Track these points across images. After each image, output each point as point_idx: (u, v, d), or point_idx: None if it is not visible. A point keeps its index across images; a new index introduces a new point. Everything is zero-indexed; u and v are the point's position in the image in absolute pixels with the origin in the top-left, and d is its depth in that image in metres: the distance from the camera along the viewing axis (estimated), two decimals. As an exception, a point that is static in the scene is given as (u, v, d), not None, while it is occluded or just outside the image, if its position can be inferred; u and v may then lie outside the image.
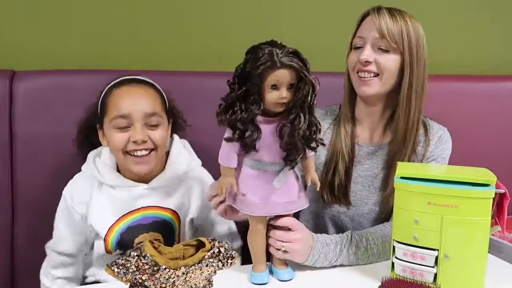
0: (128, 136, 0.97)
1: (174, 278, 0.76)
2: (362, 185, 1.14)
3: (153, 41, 1.49)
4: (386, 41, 1.04)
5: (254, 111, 0.82)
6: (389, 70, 1.06)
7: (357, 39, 1.09)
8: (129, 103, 0.97)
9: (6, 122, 1.23)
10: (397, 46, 1.05)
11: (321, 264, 0.97)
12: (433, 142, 1.13)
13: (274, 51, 0.81)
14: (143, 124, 0.98)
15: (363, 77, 1.07)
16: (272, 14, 1.58)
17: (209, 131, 1.33)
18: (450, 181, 0.83)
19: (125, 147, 0.98)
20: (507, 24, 1.88)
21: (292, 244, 0.93)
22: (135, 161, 0.99)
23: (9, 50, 1.39)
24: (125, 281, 0.75)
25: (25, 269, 1.22)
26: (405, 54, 1.05)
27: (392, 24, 1.04)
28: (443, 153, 1.14)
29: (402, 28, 1.05)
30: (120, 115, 0.96)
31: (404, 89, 1.06)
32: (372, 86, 1.07)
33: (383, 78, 1.07)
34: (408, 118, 1.08)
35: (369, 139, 1.17)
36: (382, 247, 1.01)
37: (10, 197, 1.24)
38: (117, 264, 0.76)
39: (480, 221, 0.82)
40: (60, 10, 1.41)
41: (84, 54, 1.44)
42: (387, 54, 1.06)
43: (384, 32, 1.03)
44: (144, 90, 1.03)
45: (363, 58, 1.05)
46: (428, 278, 0.86)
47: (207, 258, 0.80)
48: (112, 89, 1.03)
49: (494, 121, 1.62)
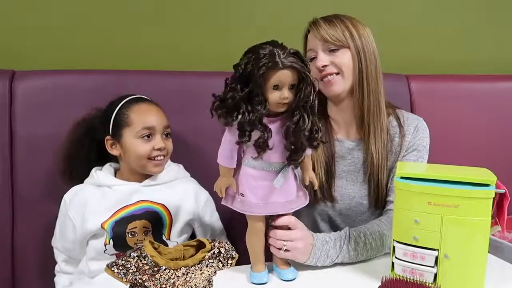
0: (152, 145, 1.14)
1: (174, 278, 0.76)
2: (346, 180, 1.18)
3: (153, 41, 1.49)
4: (331, 42, 1.13)
5: (261, 111, 0.82)
6: (345, 65, 1.13)
7: (309, 52, 1.17)
8: (153, 117, 1.16)
9: (6, 122, 1.23)
10: (342, 43, 1.12)
11: (323, 263, 0.97)
12: (409, 132, 1.18)
13: (275, 52, 0.82)
14: (161, 134, 1.16)
15: (327, 80, 1.14)
16: (272, 14, 1.58)
17: (209, 132, 1.34)
18: (450, 181, 0.83)
19: (149, 154, 1.14)
20: (507, 24, 1.88)
21: (294, 242, 0.93)
22: (155, 164, 1.15)
23: (9, 50, 1.39)
24: (125, 281, 0.76)
25: (25, 269, 1.22)
26: (351, 47, 1.12)
27: (330, 28, 1.13)
28: (422, 142, 1.18)
29: (341, 27, 1.13)
30: (146, 127, 1.14)
31: (356, 78, 1.13)
32: (336, 84, 1.14)
33: (344, 74, 1.13)
34: (364, 102, 1.14)
35: (346, 135, 1.21)
36: (380, 241, 1.03)
37: (10, 197, 1.24)
38: (117, 264, 0.76)
39: (480, 221, 0.82)
40: (60, 10, 1.41)
41: (84, 54, 1.44)
42: (337, 52, 1.13)
43: (326, 37, 1.12)
44: (156, 106, 1.20)
45: (320, 64, 1.13)
46: (428, 278, 0.86)
47: (207, 259, 0.80)
48: (129, 105, 1.17)
49: (494, 121, 1.62)
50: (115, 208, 1.12)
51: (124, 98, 1.18)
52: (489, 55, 1.87)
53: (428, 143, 1.20)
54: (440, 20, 1.80)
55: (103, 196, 1.13)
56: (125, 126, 1.14)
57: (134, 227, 1.11)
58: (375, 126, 1.15)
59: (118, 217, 1.11)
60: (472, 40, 1.85)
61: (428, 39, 1.80)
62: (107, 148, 1.17)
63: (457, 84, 1.63)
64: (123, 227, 1.11)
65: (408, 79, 1.57)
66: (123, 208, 1.13)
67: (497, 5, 1.85)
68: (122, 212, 1.12)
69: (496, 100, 1.63)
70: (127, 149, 1.15)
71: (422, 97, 1.56)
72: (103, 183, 1.15)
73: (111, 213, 1.12)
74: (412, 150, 1.17)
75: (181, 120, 1.34)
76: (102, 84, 1.31)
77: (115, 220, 1.11)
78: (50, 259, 1.23)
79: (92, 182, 1.16)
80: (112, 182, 1.15)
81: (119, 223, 1.11)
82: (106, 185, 1.15)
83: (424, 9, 1.78)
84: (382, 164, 1.15)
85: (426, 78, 1.63)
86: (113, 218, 1.11)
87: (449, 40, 1.82)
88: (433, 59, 1.80)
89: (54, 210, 1.17)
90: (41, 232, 1.25)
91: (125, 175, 1.18)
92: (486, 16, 1.85)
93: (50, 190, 1.16)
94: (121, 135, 1.15)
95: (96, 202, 1.13)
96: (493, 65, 1.86)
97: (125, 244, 1.10)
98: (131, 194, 1.14)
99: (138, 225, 1.11)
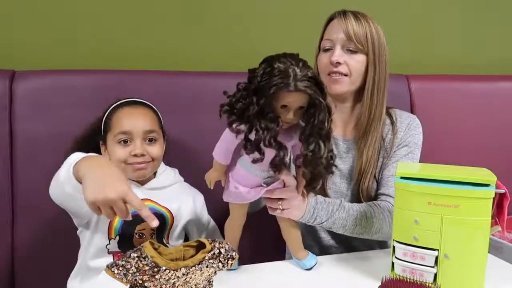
0: (129, 150, 1.09)
1: (174, 279, 0.76)
2: (340, 178, 1.19)
3: (153, 41, 1.49)
4: (354, 43, 1.11)
5: (275, 128, 0.81)
6: (357, 70, 1.13)
7: (326, 42, 1.15)
8: (130, 121, 1.11)
9: (6, 122, 1.23)
10: (363, 48, 1.12)
11: (320, 219, 1.01)
12: (402, 129, 1.19)
13: (291, 71, 0.80)
14: (142, 139, 1.10)
15: (334, 78, 1.13)
16: (272, 14, 1.58)
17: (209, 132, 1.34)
18: (450, 181, 0.84)
19: (126, 159, 1.09)
20: (507, 24, 1.88)
21: (288, 200, 0.96)
22: (134, 168, 1.10)
23: (9, 50, 1.39)
24: (125, 282, 0.76)
25: (25, 269, 1.22)
26: (370, 54, 1.12)
27: (358, 26, 1.12)
28: (414, 138, 1.19)
29: (367, 30, 1.12)
30: (122, 132, 1.10)
31: (368, 86, 1.14)
32: (342, 84, 1.14)
33: (352, 78, 1.14)
34: (371, 113, 1.15)
35: (343, 134, 1.22)
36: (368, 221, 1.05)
37: (10, 197, 1.24)
38: (117, 265, 0.76)
39: (480, 221, 0.82)
40: (60, 10, 1.41)
41: (84, 54, 1.44)
42: (355, 55, 1.13)
43: (351, 35, 1.10)
44: (143, 110, 1.16)
45: (335, 59, 1.11)
46: (428, 278, 0.86)
47: (208, 259, 0.80)
48: (115, 109, 1.14)
49: (494, 121, 1.62)
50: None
51: (116, 102, 1.16)
52: (489, 55, 1.87)
53: (420, 140, 1.21)
54: (440, 20, 1.80)
55: None
56: (108, 131, 1.13)
57: (143, 229, 1.09)
58: (372, 134, 1.16)
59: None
60: (472, 40, 1.85)
61: (428, 39, 1.80)
62: (102, 152, 1.15)
63: (457, 84, 1.63)
64: (132, 227, 1.08)
65: (408, 79, 1.57)
66: None
67: (497, 5, 1.85)
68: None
69: (496, 100, 1.63)
70: (110, 154, 1.12)
71: (422, 97, 1.56)
72: None
73: None
74: (402, 146, 1.18)
75: (181, 120, 1.34)
76: (102, 84, 1.30)
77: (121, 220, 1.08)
78: (50, 259, 1.23)
79: None
80: None
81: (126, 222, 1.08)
82: None
83: (424, 9, 1.78)
84: (374, 165, 1.16)
85: (426, 78, 1.63)
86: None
87: (449, 40, 1.82)
88: (433, 59, 1.81)
89: (54, 210, 1.17)
90: (41, 232, 1.25)
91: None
92: (486, 16, 1.85)
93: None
94: (106, 139, 1.13)
95: None
96: (493, 65, 1.86)
97: (130, 245, 1.08)
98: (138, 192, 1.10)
99: (147, 226, 1.09)
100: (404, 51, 1.75)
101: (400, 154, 1.17)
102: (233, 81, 0.86)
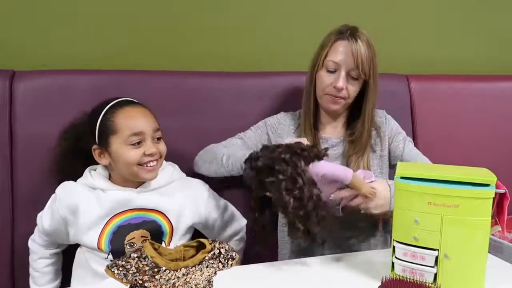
0: (142, 150, 1.07)
1: (174, 279, 0.76)
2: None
3: (153, 41, 1.49)
4: (359, 72, 1.13)
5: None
6: (354, 94, 1.19)
7: (331, 63, 1.15)
8: (140, 122, 1.08)
9: (6, 122, 1.23)
10: (364, 76, 1.15)
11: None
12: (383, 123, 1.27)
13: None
14: (151, 138, 1.09)
15: (333, 99, 1.18)
16: (273, 15, 1.58)
17: (209, 132, 1.34)
18: (450, 181, 0.84)
19: (140, 160, 1.07)
20: (507, 24, 1.88)
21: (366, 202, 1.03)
22: (147, 170, 1.09)
23: (9, 50, 1.39)
24: (125, 282, 0.76)
25: (25, 269, 1.22)
26: (370, 81, 1.16)
27: (366, 52, 1.12)
28: (397, 127, 1.29)
29: (371, 55, 1.14)
30: (134, 133, 1.07)
31: (369, 111, 1.20)
32: (340, 104, 1.19)
33: (348, 100, 1.19)
34: (365, 125, 1.21)
35: (331, 133, 1.27)
36: None
37: (10, 197, 1.24)
38: (117, 265, 0.76)
39: (480, 221, 0.82)
40: (60, 10, 1.41)
41: (84, 54, 1.44)
42: (356, 81, 1.16)
43: (359, 62, 1.12)
44: (142, 109, 1.12)
45: (340, 87, 1.14)
46: (428, 278, 0.86)
47: (208, 259, 0.80)
48: (112, 111, 1.10)
49: (494, 121, 1.62)
50: (109, 215, 1.08)
51: (107, 103, 1.12)
52: (489, 55, 1.87)
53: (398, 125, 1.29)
54: (440, 20, 1.80)
55: (97, 201, 1.09)
56: (111, 134, 1.07)
57: (132, 238, 1.08)
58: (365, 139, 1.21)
59: (114, 225, 1.08)
60: (472, 40, 1.85)
61: (428, 39, 1.80)
62: (95, 157, 1.11)
63: (457, 84, 1.63)
64: (121, 239, 1.07)
65: (408, 79, 1.57)
66: (118, 214, 1.08)
67: (497, 5, 1.85)
68: (118, 219, 1.08)
69: (496, 100, 1.63)
70: (116, 158, 1.08)
71: (422, 97, 1.56)
72: (97, 186, 1.10)
73: (105, 221, 1.08)
74: (395, 134, 1.26)
75: (181, 120, 1.34)
76: (102, 84, 1.30)
77: (111, 231, 1.07)
78: (50, 259, 1.22)
79: (85, 183, 1.11)
80: (107, 186, 1.10)
81: (116, 234, 1.07)
82: (100, 188, 1.10)
83: (424, 9, 1.78)
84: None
85: (426, 78, 1.63)
86: (110, 225, 1.07)
87: (449, 40, 1.82)
88: (433, 59, 1.81)
89: (54, 210, 1.17)
90: (41, 232, 1.25)
91: (118, 182, 1.12)
92: (486, 16, 1.85)
93: (50, 190, 1.16)
94: (109, 143, 1.08)
95: (90, 209, 1.08)
96: (493, 65, 1.86)
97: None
98: (126, 201, 1.09)
99: (136, 235, 1.08)
100: (404, 51, 1.75)
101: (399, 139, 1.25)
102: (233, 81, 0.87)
